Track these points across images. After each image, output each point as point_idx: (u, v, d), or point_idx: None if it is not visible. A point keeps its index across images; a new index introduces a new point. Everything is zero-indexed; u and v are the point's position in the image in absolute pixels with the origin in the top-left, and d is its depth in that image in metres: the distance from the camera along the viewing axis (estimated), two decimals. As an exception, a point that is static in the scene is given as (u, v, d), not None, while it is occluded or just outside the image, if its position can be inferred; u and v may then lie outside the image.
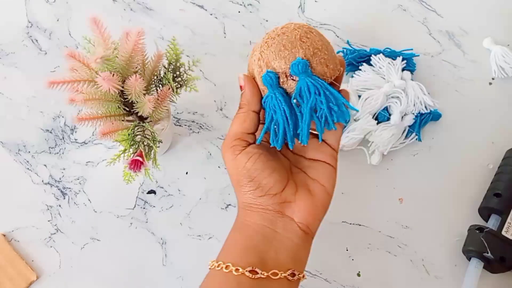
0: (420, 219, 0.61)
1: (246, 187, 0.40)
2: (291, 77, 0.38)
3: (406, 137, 0.64)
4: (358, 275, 0.58)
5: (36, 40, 0.69)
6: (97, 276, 0.57)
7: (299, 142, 0.40)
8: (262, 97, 0.41)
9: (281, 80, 0.39)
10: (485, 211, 0.59)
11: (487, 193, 0.60)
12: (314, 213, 0.40)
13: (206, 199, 0.61)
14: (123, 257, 0.58)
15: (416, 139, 0.63)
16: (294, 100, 0.39)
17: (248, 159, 0.40)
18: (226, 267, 0.38)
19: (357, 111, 0.52)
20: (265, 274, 0.37)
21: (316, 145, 0.42)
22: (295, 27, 0.39)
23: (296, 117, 0.39)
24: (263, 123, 0.41)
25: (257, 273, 0.37)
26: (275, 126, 0.40)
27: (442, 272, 0.59)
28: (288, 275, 0.38)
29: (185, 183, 0.62)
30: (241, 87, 0.41)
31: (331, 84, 0.39)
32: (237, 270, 0.37)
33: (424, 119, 0.63)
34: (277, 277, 0.37)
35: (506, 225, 0.56)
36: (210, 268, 0.40)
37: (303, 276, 0.40)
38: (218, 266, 0.38)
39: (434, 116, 0.64)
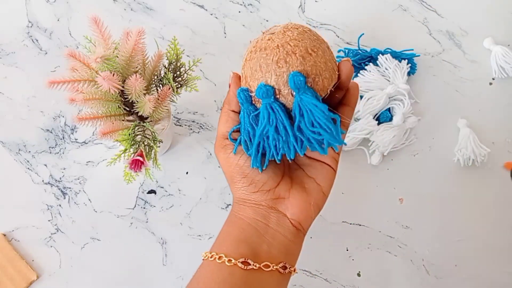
0: (420, 219, 0.61)
1: (239, 184, 0.40)
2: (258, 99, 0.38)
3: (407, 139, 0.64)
4: (358, 275, 0.58)
5: (37, 40, 0.69)
6: (97, 276, 0.57)
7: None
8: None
9: (252, 99, 0.38)
10: None
11: None
12: (307, 210, 0.40)
13: (206, 199, 0.61)
14: (123, 257, 0.58)
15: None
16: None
17: (240, 156, 0.40)
18: (219, 258, 0.38)
19: (345, 144, 0.46)
20: (257, 265, 0.38)
21: None
22: (279, 43, 0.36)
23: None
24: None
25: (249, 264, 0.38)
26: (245, 139, 0.39)
27: (442, 272, 0.59)
28: (280, 267, 0.39)
29: (185, 183, 0.62)
30: (229, 84, 0.41)
31: (329, 95, 0.38)
32: (229, 261, 0.38)
33: None
34: (269, 269, 0.38)
35: None
36: (203, 259, 0.40)
37: (294, 270, 0.41)
38: (211, 257, 0.39)
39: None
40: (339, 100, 0.40)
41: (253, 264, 0.38)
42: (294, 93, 0.36)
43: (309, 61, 0.36)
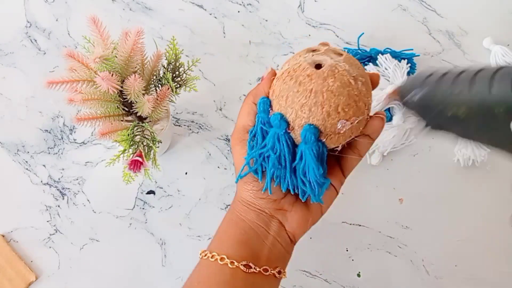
0: (420, 219, 0.61)
1: (249, 186, 0.40)
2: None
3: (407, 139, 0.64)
4: (358, 275, 0.58)
5: (35, 40, 0.68)
6: (96, 277, 0.57)
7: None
8: None
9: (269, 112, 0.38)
10: None
11: None
12: (304, 226, 0.41)
13: (205, 200, 0.61)
14: (122, 258, 0.58)
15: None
16: None
17: None
18: (221, 259, 0.38)
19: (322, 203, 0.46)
20: (258, 269, 0.38)
21: (331, 169, 0.41)
22: (314, 88, 0.34)
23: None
24: None
25: (251, 267, 0.38)
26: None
27: (442, 272, 0.59)
28: (276, 272, 0.39)
29: (185, 183, 0.62)
30: (262, 77, 0.41)
31: (349, 142, 0.38)
32: (232, 263, 0.38)
33: None
34: (267, 273, 0.39)
35: None
36: (201, 258, 0.40)
37: (285, 274, 0.41)
38: (212, 257, 0.39)
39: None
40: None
41: (254, 268, 0.38)
42: None
43: (333, 119, 0.34)
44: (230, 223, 0.42)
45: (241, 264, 0.38)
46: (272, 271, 0.39)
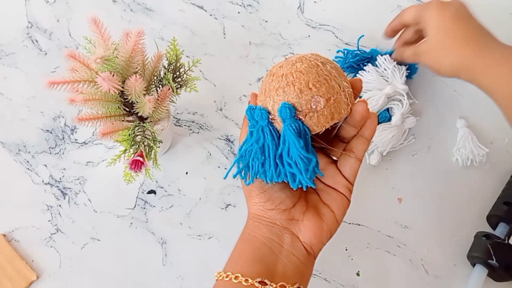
0: (419, 219, 0.61)
1: (256, 199, 0.40)
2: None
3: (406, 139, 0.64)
4: (358, 274, 0.59)
5: (36, 41, 0.69)
6: (97, 276, 0.57)
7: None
8: None
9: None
10: (493, 219, 0.59)
11: (497, 201, 0.60)
12: (320, 236, 0.40)
13: (206, 199, 0.61)
14: (123, 257, 0.58)
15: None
16: None
17: None
18: (236, 277, 0.37)
19: (313, 187, 0.44)
20: (274, 286, 0.37)
21: (333, 173, 0.42)
22: (284, 72, 0.37)
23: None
24: None
25: (266, 284, 0.37)
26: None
27: (441, 272, 0.59)
28: None
29: (185, 183, 0.62)
30: (248, 102, 0.42)
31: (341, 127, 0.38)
32: (246, 280, 0.37)
33: None
34: None
35: None
36: (217, 279, 0.39)
37: None
38: (226, 277, 0.38)
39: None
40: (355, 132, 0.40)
41: (270, 284, 0.37)
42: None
43: (306, 95, 0.36)
44: (243, 241, 0.41)
45: (256, 281, 0.37)
46: None
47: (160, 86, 0.53)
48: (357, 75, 0.66)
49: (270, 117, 0.37)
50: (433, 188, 0.62)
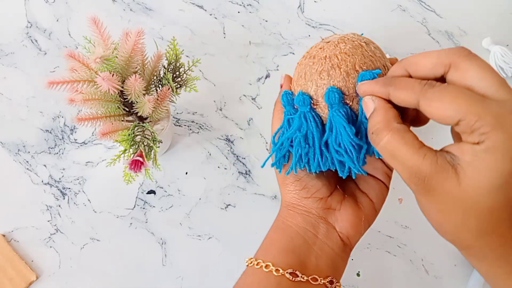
0: (419, 219, 0.61)
1: (291, 186, 0.39)
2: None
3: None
4: (358, 275, 0.58)
5: (36, 40, 0.69)
6: (96, 276, 0.57)
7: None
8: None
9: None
10: None
11: None
12: (357, 226, 0.39)
13: (205, 199, 0.61)
14: (123, 257, 0.58)
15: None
16: None
17: None
18: (266, 266, 0.36)
19: (365, 173, 0.39)
20: (305, 278, 0.36)
21: (372, 160, 0.40)
22: (328, 54, 0.34)
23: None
24: None
25: (297, 276, 0.36)
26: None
27: (442, 272, 0.59)
28: (327, 282, 0.37)
29: (185, 183, 0.62)
30: (281, 85, 0.40)
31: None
32: (277, 270, 0.36)
33: None
34: (316, 282, 0.36)
35: None
36: (247, 265, 0.38)
37: (339, 285, 0.39)
38: (257, 264, 0.37)
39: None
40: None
41: (301, 276, 0.36)
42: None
43: (353, 78, 0.34)
44: (276, 230, 0.40)
45: (287, 272, 0.36)
46: (322, 281, 0.36)
47: (160, 86, 0.52)
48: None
49: (312, 102, 0.35)
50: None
